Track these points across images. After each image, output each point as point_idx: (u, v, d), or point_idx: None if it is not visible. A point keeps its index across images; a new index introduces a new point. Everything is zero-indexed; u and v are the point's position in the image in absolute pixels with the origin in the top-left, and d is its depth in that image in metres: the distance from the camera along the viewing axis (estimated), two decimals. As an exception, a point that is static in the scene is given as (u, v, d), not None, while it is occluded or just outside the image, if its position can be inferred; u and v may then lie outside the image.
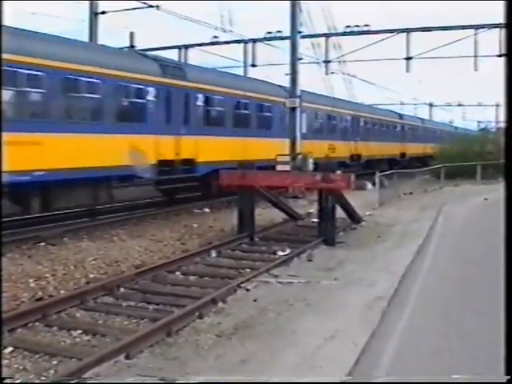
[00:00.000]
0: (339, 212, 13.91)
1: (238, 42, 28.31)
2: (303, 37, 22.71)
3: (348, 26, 26.51)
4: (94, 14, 22.52)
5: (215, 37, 27.38)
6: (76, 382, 5.23)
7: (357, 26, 26.43)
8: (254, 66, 29.33)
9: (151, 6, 22.03)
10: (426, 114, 62.06)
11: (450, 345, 6.16)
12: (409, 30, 26.69)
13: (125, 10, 23.30)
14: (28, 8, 33.98)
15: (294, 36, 21.90)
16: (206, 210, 18.17)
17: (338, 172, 15.28)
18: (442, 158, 31.61)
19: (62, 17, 48.02)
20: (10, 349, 6.15)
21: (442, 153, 34.70)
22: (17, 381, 5.43)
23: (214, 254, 11.55)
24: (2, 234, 10.08)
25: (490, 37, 24.79)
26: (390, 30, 27.01)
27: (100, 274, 9.93)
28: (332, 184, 12.85)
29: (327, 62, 27.44)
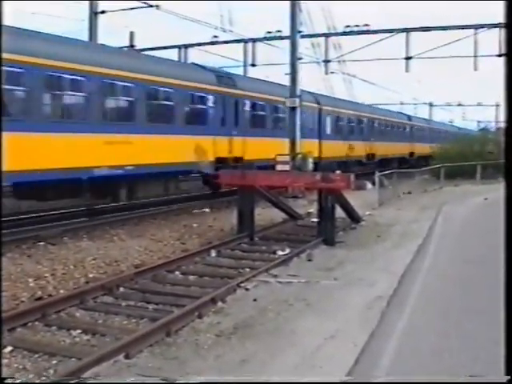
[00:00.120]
0: (339, 212, 13.91)
1: (238, 41, 28.27)
2: (303, 36, 22.72)
3: (348, 26, 26.46)
4: (94, 14, 22.53)
5: (215, 36, 27.34)
6: (76, 382, 5.24)
7: (356, 25, 26.38)
8: (253, 65, 29.28)
9: (151, 6, 22.03)
10: (425, 113, 62.14)
11: (449, 345, 6.16)
12: (408, 29, 26.63)
13: (124, 10, 23.32)
14: (28, 8, 33.90)
15: (293, 36, 21.90)
16: (206, 209, 18.17)
17: (338, 172, 15.30)
18: (442, 158, 31.61)
19: (61, 16, 47.94)
20: (9, 348, 6.15)
21: (442, 153, 34.72)
22: (17, 381, 5.43)
23: (213, 253, 11.54)
24: (1, 234, 10.09)
25: (489, 37, 24.78)
26: (390, 30, 26.96)
27: (100, 273, 9.93)
28: (332, 184, 12.85)
29: (327, 61, 27.42)
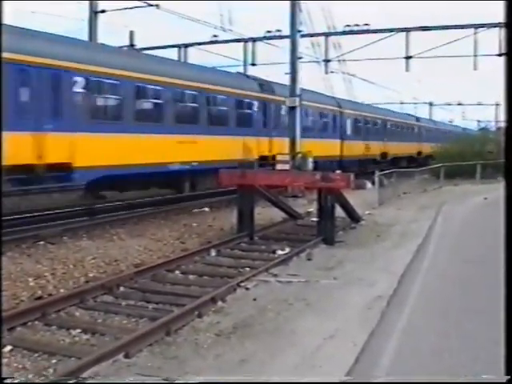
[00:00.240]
0: (339, 211, 13.92)
1: (238, 41, 28.23)
2: (303, 36, 22.72)
3: (348, 26, 26.42)
4: (94, 13, 22.51)
5: (215, 36, 27.34)
6: (75, 382, 5.23)
7: (356, 25, 26.34)
8: (253, 64, 29.27)
9: (151, 5, 22.01)
10: (426, 113, 62.31)
11: (449, 345, 6.16)
12: (408, 29, 26.61)
13: (124, 9, 23.31)
14: (28, 7, 33.76)
15: (293, 35, 21.90)
16: (206, 209, 18.17)
17: (338, 171, 15.29)
18: (442, 158, 31.61)
19: (61, 16, 47.90)
20: (9, 348, 6.15)
21: (442, 152, 34.72)
22: (16, 380, 5.43)
23: (213, 253, 11.54)
24: (1, 233, 10.08)
25: (489, 36, 24.76)
26: (390, 30, 26.94)
27: (99, 273, 9.93)
28: (331, 183, 12.84)
29: (327, 61, 27.41)
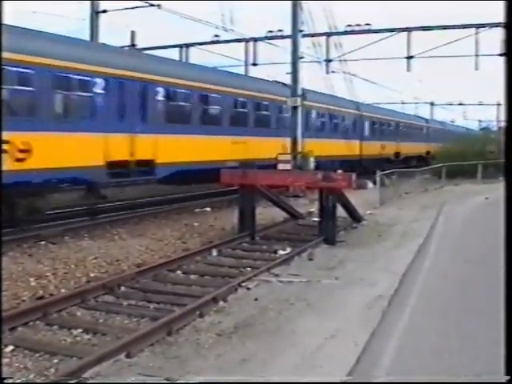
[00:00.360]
0: (340, 211, 13.92)
1: (239, 40, 28.22)
2: (304, 36, 22.68)
3: (349, 25, 26.39)
4: (95, 13, 22.51)
5: (216, 36, 27.34)
6: (76, 382, 5.24)
7: (358, 25, 26.32)
8: (255, 64, 29.28)
9: (152, 5, 22.00)
10: (427, 113, 62.32)
11: (450, 345, 6.16)
12: (410, 29, 26.58)
13: (126, 9, 23.30)
14: (28, 7, 33.77)
15: (295, 35, 21.89)
16: (207, 209, 18.17)
17: (339, 171, 15.29)
18: (443, 158, 31.59)
19: (63, 16, 47.84)
20: (10, 347, 6.16)
21: (443, 152, 34.70)
22: (17, 380, 5.44)
23: (214, 252, 11.55)
24: (2, 233, 10.10)
25: (491, 36, 24.72)
26: (391, 29, 26.92)
27: (101, 272, 9.94)
28: (333, 183, 12.84)
29: (328, 60, 27.39)
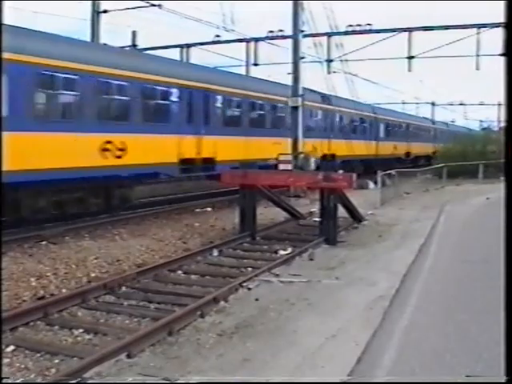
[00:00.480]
0: (341, 211, 13.91)
1: (240, 40, 28.16)
2: (305, 36, 22.65)
3: (350, 25, 26.33)
4: (96, 13, 22.52)
5: (217, 36, 27.32)
6: (77, 382, 5.24)
7: (359, 25, 26.25)
8: (256, 64, 29.25)
9: (153, 5, 21.99)
10: (428, 113, 62.34)
11: (450, 345, 6.15)
12: (411, 29, 26.51)
13: (127, 9, 23.29)
14: (29, 7, 33.84)
15: (296, 35, 21.86)
16: (208, 209, 18.18)
17: (340, 171, 15.29)
18: (444, 158, 31.59)
19: (63, 16, 47.92)
20: (11, 348, 6.17)
21: (444, 152, 34.71)
22: (18, 380, 5.44)
23: (215, 252, 11.56)
24: (2, 233, 10.10)
25: (492, 36, 24.68)
26: (392, 29, 26.84)
27: (101, 272, 9.95)
28: (334, 183, 12.83)
29: (329, 61, 27.35)
